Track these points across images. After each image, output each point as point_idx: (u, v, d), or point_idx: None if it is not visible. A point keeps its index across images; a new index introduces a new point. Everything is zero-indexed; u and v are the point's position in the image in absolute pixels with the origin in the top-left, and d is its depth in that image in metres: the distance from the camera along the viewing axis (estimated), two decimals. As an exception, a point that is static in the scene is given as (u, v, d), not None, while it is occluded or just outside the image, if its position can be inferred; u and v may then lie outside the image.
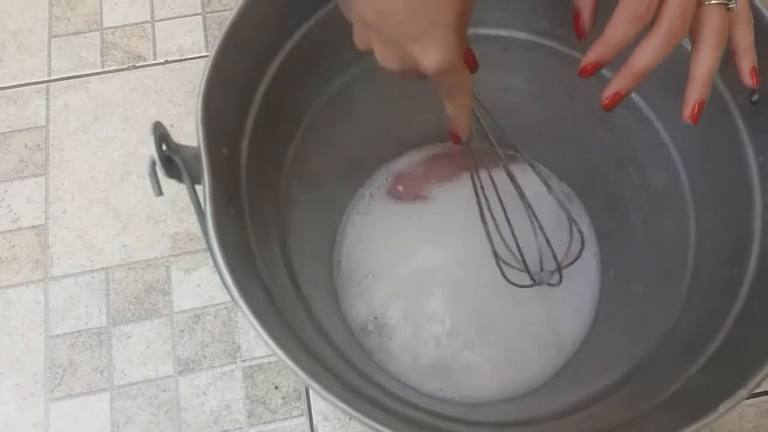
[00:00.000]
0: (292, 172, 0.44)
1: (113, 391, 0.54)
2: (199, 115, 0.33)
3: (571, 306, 0.52)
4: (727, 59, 0.37)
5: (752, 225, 0.36)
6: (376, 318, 0.52)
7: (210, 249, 0.31)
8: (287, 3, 0.38)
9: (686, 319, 0.38)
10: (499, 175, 0.46)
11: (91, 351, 0.55)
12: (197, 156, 0.32)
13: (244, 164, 0.37)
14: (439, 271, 0.54)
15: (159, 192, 0.32)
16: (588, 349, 0.49)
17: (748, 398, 0.51)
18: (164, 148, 0.32)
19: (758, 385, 0.28)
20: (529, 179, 0.50)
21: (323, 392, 0.28)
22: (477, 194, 0.45)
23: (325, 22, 0.41)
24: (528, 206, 0.46)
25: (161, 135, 0.31)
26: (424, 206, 0.57)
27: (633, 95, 0.44)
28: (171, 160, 0.32)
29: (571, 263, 0.48)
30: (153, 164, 0.31)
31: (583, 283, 0.53)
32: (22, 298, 0.57)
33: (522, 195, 0.45)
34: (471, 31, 0.46)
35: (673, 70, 0.41)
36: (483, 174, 0.46)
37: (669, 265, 0.43)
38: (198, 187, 0.33)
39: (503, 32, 0.46)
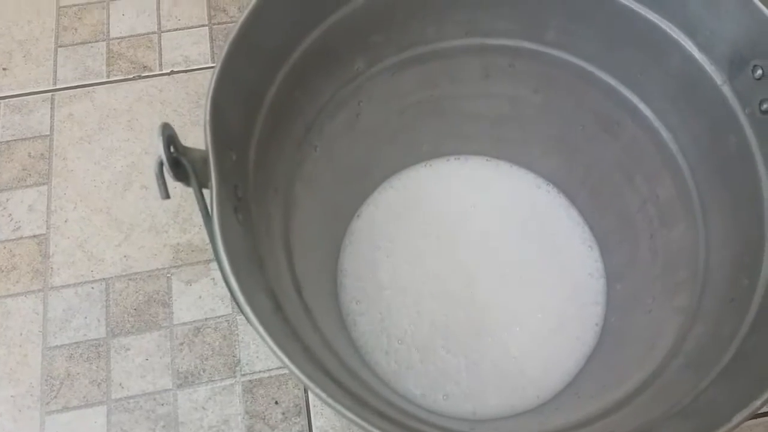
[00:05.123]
0: (299, 181, 0.44)
1: (110, 404, 0.53)
2: (208, 118, 0.32)
3: (577, 321, 0.52)
4: (738, 68, 0.38)
5: (763, 235, 0.36)
6: (378, 330, 0.52)
7: (216, 253, 0.31)
8: (296, 11, 0.38)
9: (696, 331, 0.38)
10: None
11: (89, 363, 0.54)
12: (205, 159, 0.32)
13: (252, 169, 0.37)
14: (443, 283, 0.54)
15: (166, 195, 0.32)
16: (596, 363, 0.49)
17: (755, 417, 0.51)
18: (172, 150, 0.32)
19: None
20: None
21: (328, 400, 0.28)
22: None
23: (333, 31, 0.41)
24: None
25: (169, 136, 0.31)
26: (427, 219, 0.56)
27: (641, 105, 0.44)
28: (179, 162, 0.32)
29: None
30: (161, 165, 0.31)
31: (589, 298, 0.53)
32: (21, 308, 0.56)
33: None
34: (479, 40, 0.47)
35: (681, 79, 0.41)
36: None
37: (677, 278, 0.43)
38: (205, 192, 0.33)
39: (511, 42, 0.46)
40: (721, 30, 0.38)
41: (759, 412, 0.50)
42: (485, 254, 0.55)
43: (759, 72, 0.36)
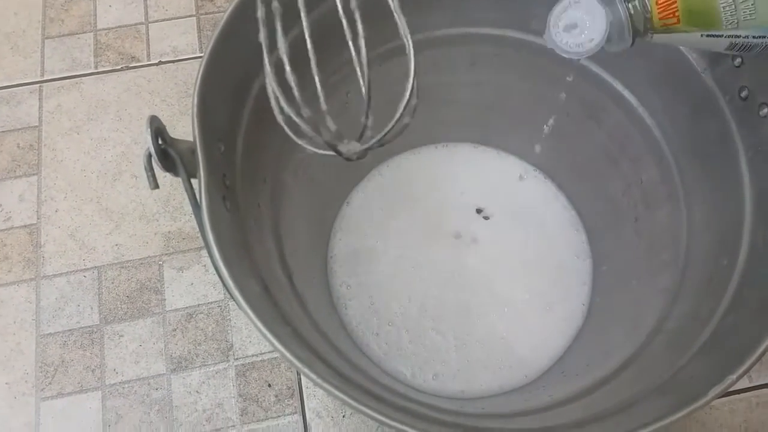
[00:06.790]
0: (288, 169, 0.45)
1: (105, 389, 0.53)
2: (195, 109, 0.33)
3: (564, 301, 0.53)
4: (718, 56, 0.38)
5: (742, 217, 0.36)
6: (368, 313, 0.52)
7: (205, 241, 0.31)
8: (282, 1, 0.39)
9: (677, 310, 0.39)
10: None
11: (83, 350, 0.55)
12: (193, 150, 0.33)
13: (240, 158, 0.37)
14: (433, 266, 0.54)
15: (155, 185, 0.33)
16: (582, 343, 0.50)
17: (738, 393, 0.52)
18: (160, 141, 0.32)
19: (747, 372, 0.29)
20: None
21: (318, 380, 0.28)
22: None
23: (323, 19, 0.42)
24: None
25: (157, 128, 0.32)
26: (416, 205, 0.57)
27: (624, 91, 0.45)
28: (167, 153, 0.32)
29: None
30: (149, 157, 0.32)
31: (576, 279, 0.54)
32: (14, 297, 0.57)
33: None
34: (465, 30, 0.47)
35: (664, 66, 0.42)
36: None
37: (661, 259, 0.44)
38: (194, 181, 0.33)
39: (497, 31, 0.47)
40: (702, 17, 0.38)
41: (744, 387, 0.51)
42: (474, 238, 0.56)
43: (738, 60, 0.37)
